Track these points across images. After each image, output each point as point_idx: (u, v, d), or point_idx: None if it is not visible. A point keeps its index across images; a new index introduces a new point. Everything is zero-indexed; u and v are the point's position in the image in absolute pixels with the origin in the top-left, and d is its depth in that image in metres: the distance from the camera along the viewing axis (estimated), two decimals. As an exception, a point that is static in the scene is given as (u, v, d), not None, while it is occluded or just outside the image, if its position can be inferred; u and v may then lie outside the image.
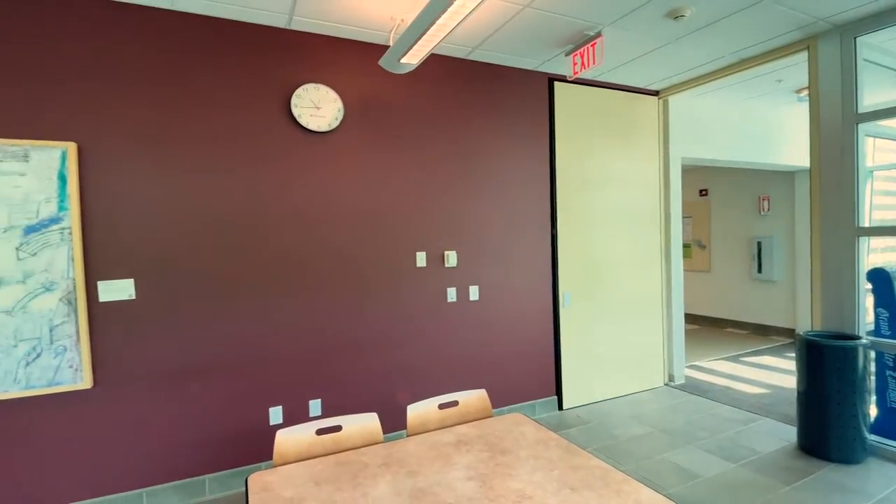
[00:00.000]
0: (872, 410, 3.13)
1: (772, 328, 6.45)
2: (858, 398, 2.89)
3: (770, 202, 6.40)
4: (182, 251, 2.71)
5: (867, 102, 3.07)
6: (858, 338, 3.01)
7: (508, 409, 3.73)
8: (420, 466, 1.59)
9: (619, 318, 4.25)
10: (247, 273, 2.86)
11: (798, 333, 3.16)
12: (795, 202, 6.09)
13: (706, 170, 7.17)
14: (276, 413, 2.95)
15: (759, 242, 6.47)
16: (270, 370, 2.93)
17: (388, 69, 2.82)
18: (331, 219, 3.08)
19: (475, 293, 3.58)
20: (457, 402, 2.09)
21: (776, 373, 4.86)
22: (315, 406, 3.05)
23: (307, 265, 3.02)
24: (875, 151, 3.53)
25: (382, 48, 3.19)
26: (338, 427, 1.89)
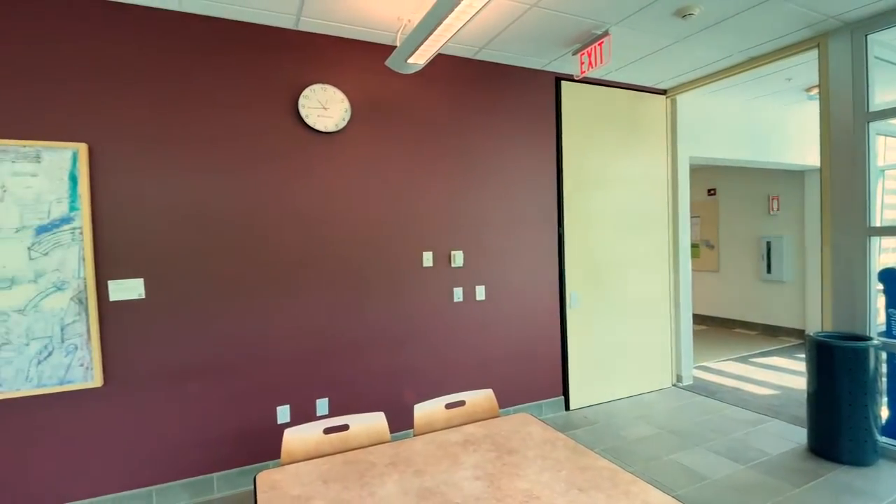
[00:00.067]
0: (884, 412, 3.09)
1: (781, 329, 6.39)
2: (870, 400, 2.85)
3: (779, 202, 6.34)
4: (191, 251, 2.73)
5: (878, 101, 3.04)
6: (870, 339, 2.97)
7: (515, 410, 3.73)
8: (427, 466, 1.59)
9: (627, 319, 4.23)
10: (254, 273, 2.88)
11: (808, 334, 3.13)
12: (805, 202, 6.03)
13: (714, 169, 7.12)
14: (284, 412, 2.96)
15: (769, 242, 6.41)
16: (278, 369, 2.95)
17: (395, 69, 2.83)
18: (337, 218, 3.09)
19: (482, 293, 3.58)
20: (463, 402, 2.09)
21: (786, 374, 4.82)
22: (322, 405, 3.06)
23: (314, 265, 3.03)
24: (886, 150, 3.48)
25: (389, 48, 3.20)
26: (345, 426, 1.89)
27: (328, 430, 2.07)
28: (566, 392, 3.96)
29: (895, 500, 2.51)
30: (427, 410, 1.99)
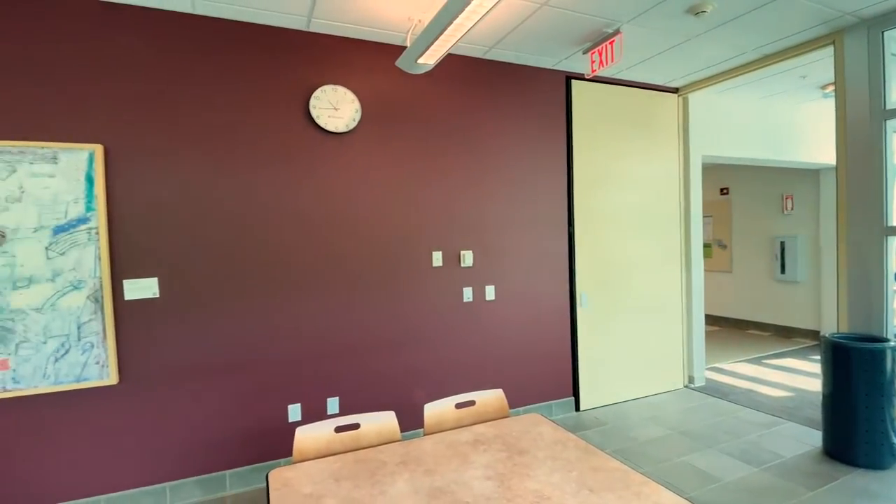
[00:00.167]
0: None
1: (795, 330, 6.30)
2: (886, 402, 2.81)
3: (794, 201, 6.25)
4: (204, 250, 2.76)
5: (895, 98, 2.99)
6: (887, 340, 2.92)
7: (525, 410, 3.72)
8: (437, 465, 1.59)
9: (638, 319, 4.20)
10: (266, 272, 2.90)
11: (823, 335, 3.09)
12: (820, 201, 5.94)
13: (727, 168, 7.04)
14: (295, 410, 2.98)
15: (783, 242, 6.33)
16: (289, 368, 2.97)
17: (406, 69, 2.84)
18: (348, 218, 3.11)
19: (491, 293, 3.57)
20: (473, 402, 2.10)
21: (800, 375, 4.75)
22: (332, 404, 3.08)
23: (325, 265, 3.05)
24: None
25: (399, 49, 3.21)
26: (356, 425, 1.91)
27: (339, 429, 2.09)
28: (576, 393, 3.94)
29: (913, 505, 2.47)
30: (437, 410, 2.00)
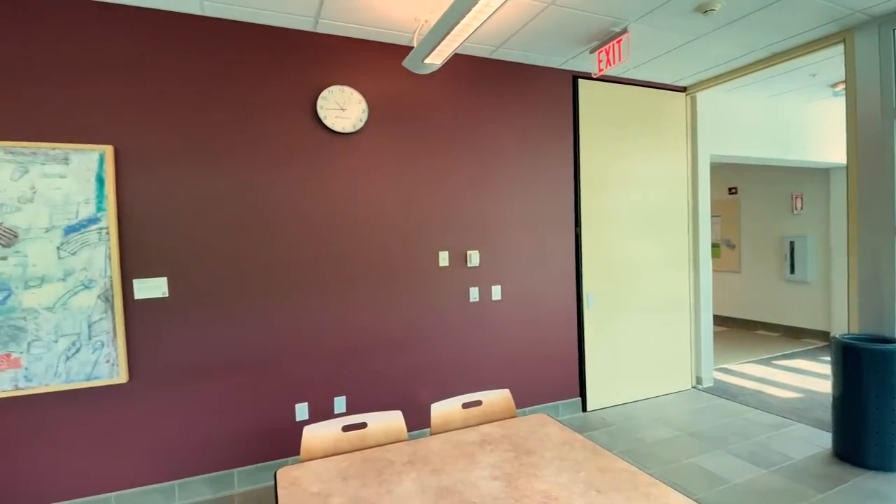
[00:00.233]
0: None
1: (805, 331, 6.24)
2: (898, 404, 2.78)
3: (803, 200, 6.19)
4: (213, 250, 2.78)
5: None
6: (899, 341, 2.89)
7: (531, 410, 3.71)
8: (444, 465, 1.60)
9: (645, 320, 4.18)
10: (274, 272, 2.92)
11: (834, 336, 3.06)
12: (830, 200, 5.88)
13: (736, 167, 6.98)
14: (302, 409, 3.00)
15: (792, 242, 6.27)
16: (296, 368, 2.98)
17: (412, 70, 2.84)
18: (355, 218, 3.12)
19: (497, 293, 3.57)
20: (480, 402, 2.10)
21: (809, 377, 4.71)
22: (339, 403, 3.09)
23: (331, 265, 3.06)
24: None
25: (406, 49, 3.21)
26: (363, 424, 1.91)
27: (346, 428, 2.09)
28: (583, 393, 3.93)
29: (925, 508, 2.44)
30: (444, 409, 2.00)
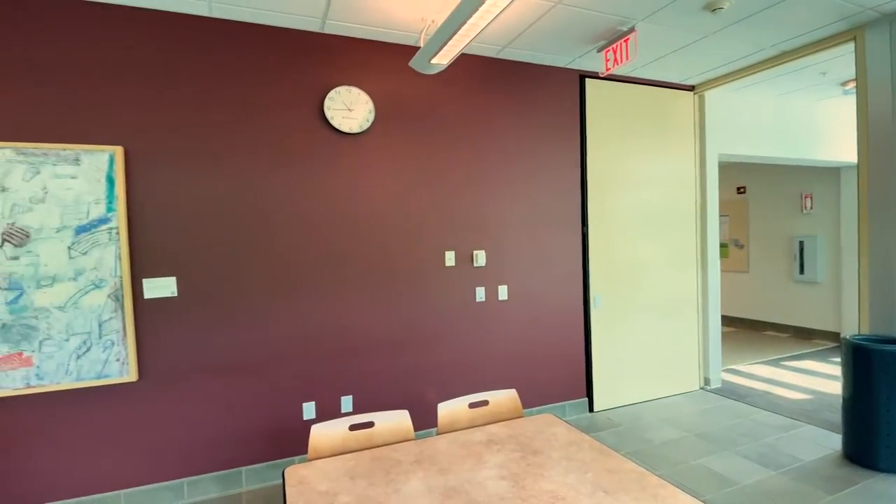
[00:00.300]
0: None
1: (815, 331, 6.19)
2: (910, 406, 2.75)
3: (813, 200, 6.13)
4: (221, 250, 2.80)
5: (921, 94, 2.92)
6: (910, 342, 2.86)
7: (538, 410, 3.71)
8: (451, 464, 1.60)
9: (653, 320, 4.16)
10: (281, 272, 2.93)
11: (844, 337, 3.03)
12: (841, 200, 5.82)
13: (744, 166, 6.93)
14: (310, 408, 3.01)
15: (802, 242, 6.21)
16: (303, 366, 3.00)
17: (419, 70, 2.84)
18: (362, 218, 3.13)
19: (504, 293, 3.57)
20: (487, 402, 2.10)
21: (819, 378, 4.67)
22: (346, 402, 3.10)
23: (338, 265, 3.07)
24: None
25: (413, 49, 3.22)
26: (370, 423, 1.92)
27: (354, 427, 2.10)
28: (590, 394, 3.92)
29: (938, 511, 2.41)
30: (451, 409, 2.00)
